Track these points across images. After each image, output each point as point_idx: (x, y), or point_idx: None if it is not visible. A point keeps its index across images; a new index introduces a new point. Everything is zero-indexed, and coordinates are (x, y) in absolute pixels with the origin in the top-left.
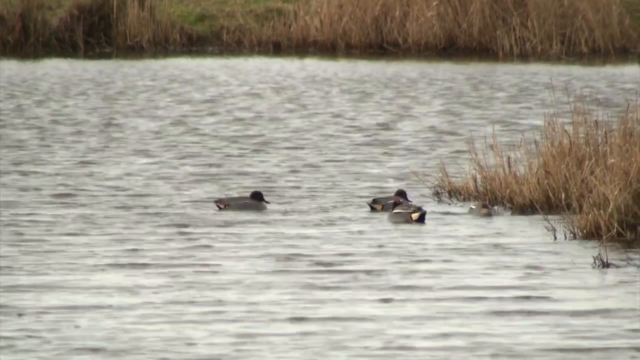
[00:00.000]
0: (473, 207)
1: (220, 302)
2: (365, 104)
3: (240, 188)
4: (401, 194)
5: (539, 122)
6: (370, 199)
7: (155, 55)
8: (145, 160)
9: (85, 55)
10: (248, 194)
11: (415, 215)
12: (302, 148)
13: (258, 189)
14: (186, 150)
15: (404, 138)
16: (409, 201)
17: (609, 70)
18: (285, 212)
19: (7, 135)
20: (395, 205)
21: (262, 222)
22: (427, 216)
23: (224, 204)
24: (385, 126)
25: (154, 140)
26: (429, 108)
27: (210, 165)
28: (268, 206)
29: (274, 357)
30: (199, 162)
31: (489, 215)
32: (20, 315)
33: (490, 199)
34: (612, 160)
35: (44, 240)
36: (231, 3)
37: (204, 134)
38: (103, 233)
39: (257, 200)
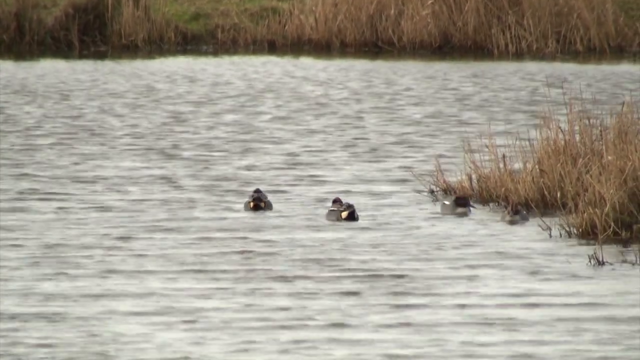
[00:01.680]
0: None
1: (267, 309)
2: (360, 104)
3: (237, 189)
4: (462, 198)
5: (534, 120)
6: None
7: (150, 54)
8: (143, 162)
9: (81, 54)
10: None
11: (344, 214)
12: (297, 147)
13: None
14: (184, 151)
15: (399, 137)
16: (472, 206)
17: (605, 68)
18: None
19: (4, 136)
20: (334, 203)
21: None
22: (425, 216)
23: (262, 202)
24: (380, 125)
25: (149, 141)
26: (424, 106)
27: (207, 166)
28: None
29: None
30: (196, 163)
31: (514, 223)
32: None
33: (486, 197)
34: (608, 159)
35: (62, 245)
36: (226, 2)
37: (200, 134)
38: (116, 240)
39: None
